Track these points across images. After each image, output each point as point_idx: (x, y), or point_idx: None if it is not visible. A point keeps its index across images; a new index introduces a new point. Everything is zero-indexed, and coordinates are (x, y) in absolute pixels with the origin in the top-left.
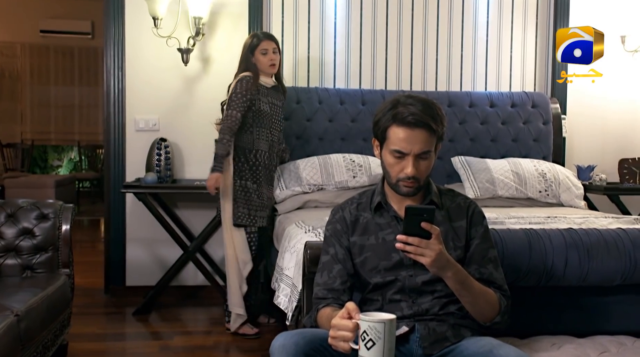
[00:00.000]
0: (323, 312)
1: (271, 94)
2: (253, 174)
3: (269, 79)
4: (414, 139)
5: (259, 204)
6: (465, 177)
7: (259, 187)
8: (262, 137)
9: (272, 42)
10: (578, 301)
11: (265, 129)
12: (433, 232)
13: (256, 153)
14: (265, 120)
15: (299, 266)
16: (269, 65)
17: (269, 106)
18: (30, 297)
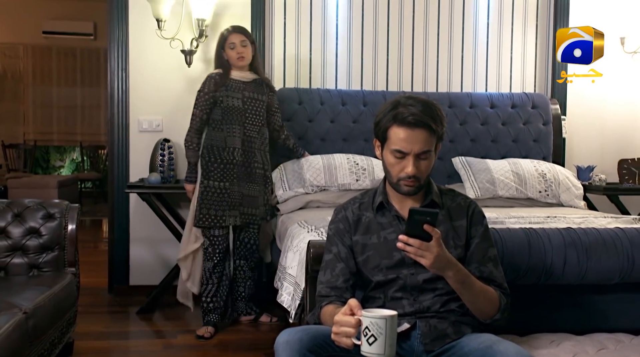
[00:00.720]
0: (326, 310)
1: (249, 88)
2: (225, 172)
3: (246, 73)
4: (414, 139)
5: (229, 203)
6: (466, 177)
7: (231, 186)
8: (234, 134)
9: (239, 34)
10: (577, 299)
11: (236, 126)
12: (434, 235)
13: (229, 151)
14: (236, 116)
15: (301, 264)
16: (237, 59)
17: (242, 101)
18: (37, 295)
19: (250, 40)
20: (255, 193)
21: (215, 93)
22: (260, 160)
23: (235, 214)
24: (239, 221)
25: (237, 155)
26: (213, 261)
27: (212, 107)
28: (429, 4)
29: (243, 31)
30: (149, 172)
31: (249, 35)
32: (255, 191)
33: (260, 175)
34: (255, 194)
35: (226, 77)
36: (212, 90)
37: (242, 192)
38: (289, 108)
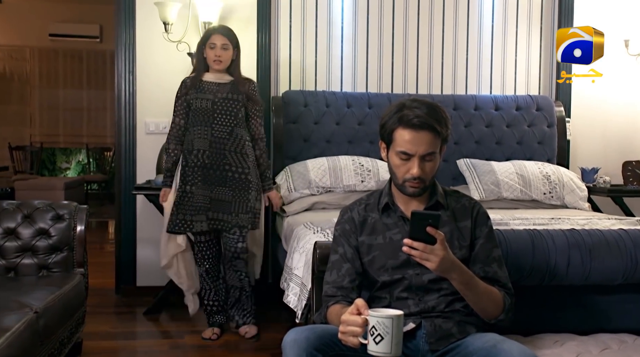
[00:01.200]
0: (333, 309)
1: (224, 89)
2: (190, 176)
3: (222, 74)
4: (419, 141)
5: (195, 208)
6: (471, 179)
7: (197, 189)
8: (199, 135)
9: (222, 37)
10: (580, 300)
11: (202, 127)
12: (437, 238)
13: (195, 153)
14: (201, 117)
15: (308, 265)
16: (213, 61)
17: (212, 102)
18: (47, 295)
19: (234, 44)
20: (226, 197)
21: (187, 96)
22: (235, 162)
23: (201, 219)
24: (206, 227)
25: (203, 158)
26: (204, 266)
27: (187, 111)
28: (434, 7)
29: (227, 33)
30: (156, 174)
31: (233, 39)
32: (228, 195)
33: (236, 179)
34: (227, 199)
35: (197, 79)
36: (183, 94)
37: (211, 196)
38: (294, 110)
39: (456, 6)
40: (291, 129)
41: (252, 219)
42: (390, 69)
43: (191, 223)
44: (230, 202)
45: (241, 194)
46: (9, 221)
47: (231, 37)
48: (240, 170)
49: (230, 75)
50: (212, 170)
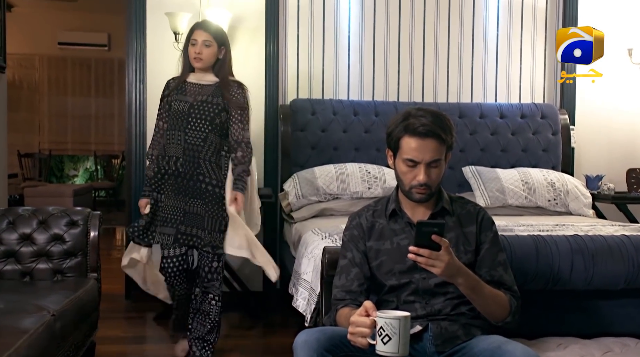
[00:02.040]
0: (342, 312)
1: (205, 91)
2: (160, 183)
3: (206, 74)
4: (425, 148)
5: (162, 218)
6: (476, 186)
7: (166, 199)
8: (173, 141)
9: (204, 32)
10: (584, 304)
11: (176, 131)
12: (442, 245)
13: (167, 160)
14: (176, 121)
15: (316, 270)
16: (193, 58)
17: (188, 105)
18: (63, 299)
19: (219, 41)
20: (199, 211)
21: (169, 97)
22: (209, 173)
23: (167, 232)
24: (171, 241)
25: (176, 165)
26: (170, 283)
27: (170, 114)
28: (439, 16)
29: (210, 29)
30: None
31: (219, 36)
32: (200, 208)
33: (210, 193)
34: (200, 212)
35: (181, 80)
36: (165, 96)
37: (184, 208)
38: (302, 118)
39: (461, 16)
40: (299, 136)
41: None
42: (397, 78)
43: (150, 233)
44: (204, 216)
45: (215, 210)
46: (25, 226)
47: (215, 33)
48: (215, 183)
49: (216, 76)
50: (185, 180)
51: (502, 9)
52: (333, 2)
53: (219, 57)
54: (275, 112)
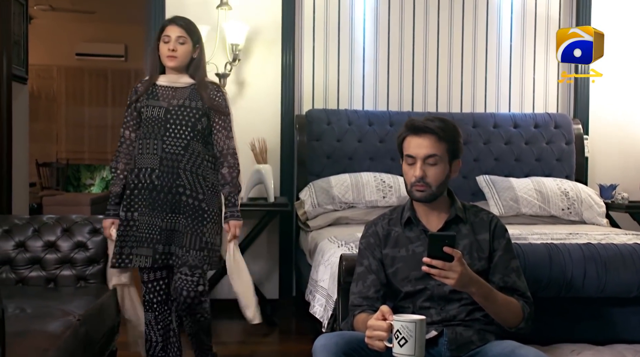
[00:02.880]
0: (359, 318)
1: (181, 94)
2: (132, 199)
3: (179, 76)
4: (421, 144)
5: (138, 238)
6: (490, 195)
7: (140, 216)
8: (148, 151)
9: (178, 27)
10: (597, 311)
11: (151, 140)
12: (455, 255)
13: (138, 172)
14: (151, 129)
15: (333, 277)
16: (166, 57)
17: (163, 110)
18: (87, 304)
19: (194, 38)
20: (179, 227)
21: (137, 103)
22: (190, 185)
23: (145, 253)
24: (150, 262)
25: (151, 178)
26: (152, 312)
27: (139, 122)
28: (453, 27)
29: (184, 25)
30: None
31: (193, 32)
32: (180, 224)
33: (190, 206)
34: (180, 229)
35: (150, 83)
36: (133, 101)
37: (161, 225)
38: (318, 128)
39: (475, 26)
40: (314, 146)
41: (208, 257)
42: (411, 88)
43: (128, 257)
44: (182, 233)
45: (194, 226)
46: (50, 234)
47: (190, 29)
48: (195, 195)
49: (190, 78)
50: (162, 194)
51: (516, 19)
52: (348, 14)
53: (193, 56)
54: (291, 122)
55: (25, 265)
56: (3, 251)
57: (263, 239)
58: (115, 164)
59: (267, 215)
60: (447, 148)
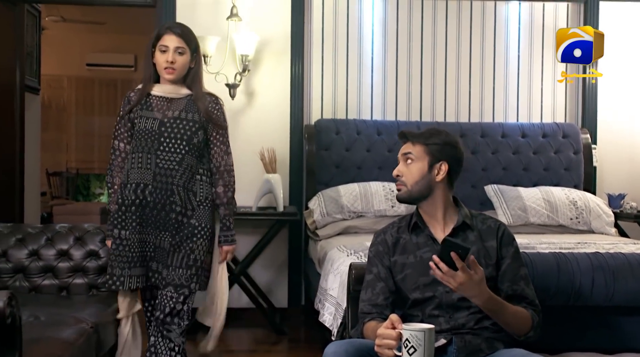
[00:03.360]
0: (368, 325)
1: (176, 105)
2: (123, 216)
3: (176, 88)
4: (402, 148)
5: (129, 258)
6: (498, 204)
7: (133, 235)
8: (140, 165)
9: (177, 37)
10: (605, 320)
11: (144, 154)
12: (458, 265)
13: (130, 187)
14: (144, 142)
15: (342, 286)
16: (164, 69)
17: (158, 122)
18: (99, 312)
19: (191, 47)
20: (164, 244)
21: (130, 114)
22: (182, 201)
23: (138, 273)
24: (141, 283)
25: (144, 194)
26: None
27: (132, 133)
28: (462, 37)
29: (183, 34)
30: None
31: (191, 41)
32: (165, 242)
33: (179, 223)
34: (164, 246)
35: (144, 93)
36: (127, 112)
37: (153, 242)
38: (326, 138)
39: (483, 36)
40: (323, 155)
41: (195, 276)
42: (419, 98)
43: (120, 279)
44: (168, 251)
45: (182, 242)
46: (62, 243)
47: (188, 38)
48: (184, 212)
49: (187, 89)
50: (155, 211)
51: (523, 29)
52: (357, 24)
53: (190, 66)
54: (300, 132)
55: (38, 273)
56: (17, 259)
57: (272, 248)
58: (111, 179)
59: (276, 224)
60: (425, 150)
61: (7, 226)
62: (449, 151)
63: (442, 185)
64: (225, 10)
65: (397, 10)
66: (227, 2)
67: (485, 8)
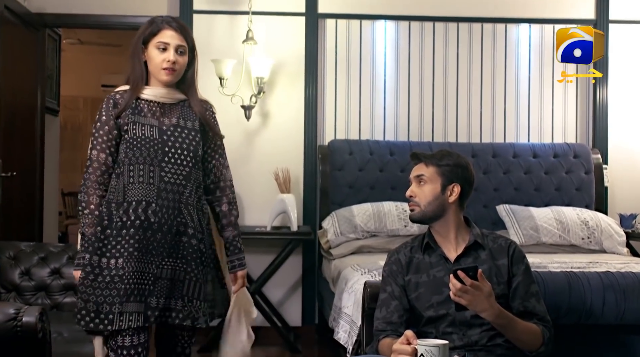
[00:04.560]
0: (384, 342)
1: (171, 112)
2: (117, 241)
3: (170, 92)
4: (415, 170)
5: (124, 291)
6: (510, 224)
7: (129, 263)
8: (140, 179)
9: (177, 34)
10: (616, 339)
11: (145, 166)
12: (467, 282)
13: (128, 207)
14: (145, 152)
15: (357, 304)
16: (162, 69)
17: (156, 130)
18: None
19: (190, 46)
20: (177, 274)
21: (117, 119)
22: (193, 222)
23: (135, 309)
24: (141, 321)
25: (146, 214)
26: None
27: (117, 142)
28: (473, 59)
29: (183, 31)
30: None
31: (190, 39)
32: (178, 271)
33: (192, 248)
34: (178, 276)
35: (132, 95)
36: (111, 116)
37: (154, 272)
38: (340, 158)
39: (494, 58)
40: (337, 176)
41: (209, 310)
42: (431, 119)
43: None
44: (183, 281)
45: (197, 272)
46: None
47: (188, 35)
48: (197, 235)
49: (181, 93)
50: (160, 233)
51: (534, 50)
52: (369, 47)
53: (187, 68)
54: (314, 153)
55: (59, 291)
56: (39, 277)
57: (286, 267)
58: (86, 197)
59: (290, 243)
60: (437, 171)
61: (29, 245)
62: (460, 173)
63: (454, 206)
64: (241, 34)
65: (409, 33)
66: (243, 27)
67: (496, 30)
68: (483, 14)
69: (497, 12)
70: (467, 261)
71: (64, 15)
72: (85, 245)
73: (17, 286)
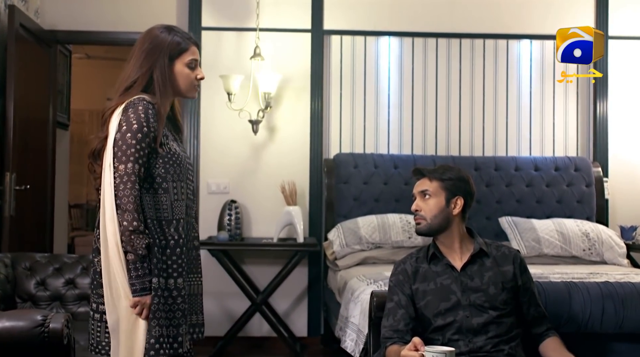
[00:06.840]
0: (391, 349)
1: (171, 129)
2: (174, 261)
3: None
4: (418, 184)
5: (184, 312)
6: (512, 236)
7: (181, 283)
8: (182, 196)
9: (197, 50)
10: (615, 347)
11: (181, 183)
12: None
13: (177, 225)
14: (185, 169)
15: (364, 313)
16: (193, 86)
17: (178, 144)
18: None
19: None
20: (197, 289)
21: (162, 137)
22: (199, 237)
23: (188, 329)
24: (202, 332)
25: (184, 231)
26: None
27: (149, 156)
28: (475, 74)
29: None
30: (217, 231)
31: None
32: (197, 286)
33: (200, 262)
34: (198, 291)
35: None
36: (152, 129)
37: (188, 290)
38: (345, 171)
39: (495, 73)
40: (342, 188)
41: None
42: (434, 133)
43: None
44: (201, 295)
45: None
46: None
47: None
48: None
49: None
50: (192, 250)
51: (535, 66)
52: (374, 62)
53: None
54: (319, 166)
55: (74, 301)
56: (54, 287)
57: (292, 278)
58: (135, 215)
59: (296, 255)
60: (441, 185)
61: (45, 256)
62: (463, 186)
63: (458, 218)
64: (248, 50)
65: (412, 48)
66: (251, 43)
67: (498, 46)
68: (485, 30)
69: (498, 28)
70: (472, 269)
71: (75, 32)
72: (148, 267)
73: (32, 296)
